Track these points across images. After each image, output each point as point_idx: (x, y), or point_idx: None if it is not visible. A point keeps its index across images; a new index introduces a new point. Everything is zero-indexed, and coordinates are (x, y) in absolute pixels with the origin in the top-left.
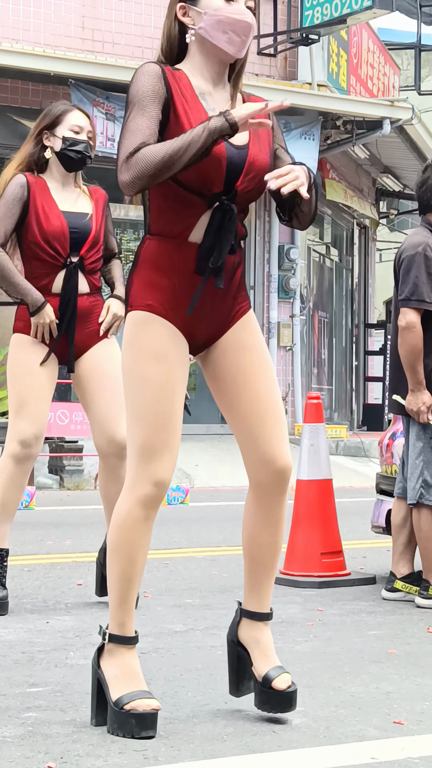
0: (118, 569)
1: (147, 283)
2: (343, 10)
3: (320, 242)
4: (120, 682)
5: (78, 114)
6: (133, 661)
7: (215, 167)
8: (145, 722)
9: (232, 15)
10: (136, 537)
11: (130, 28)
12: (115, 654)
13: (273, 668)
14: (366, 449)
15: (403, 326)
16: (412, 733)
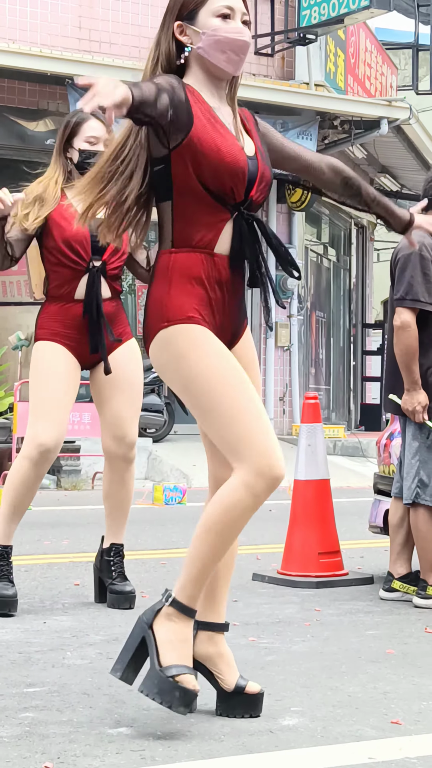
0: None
1: (183, 297)
2: (341, 10)
3: (318, 242)
4: (173, 649)
5: (94, 123)
6: (189, 632)
7: (240, 176)
8: (188, 699)
9: (230, 35)
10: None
11: (127, 28)
12: (173, 620)
13: (240, 677)
14: (364, 449)
15: (398, 326)
16: (409, 733)
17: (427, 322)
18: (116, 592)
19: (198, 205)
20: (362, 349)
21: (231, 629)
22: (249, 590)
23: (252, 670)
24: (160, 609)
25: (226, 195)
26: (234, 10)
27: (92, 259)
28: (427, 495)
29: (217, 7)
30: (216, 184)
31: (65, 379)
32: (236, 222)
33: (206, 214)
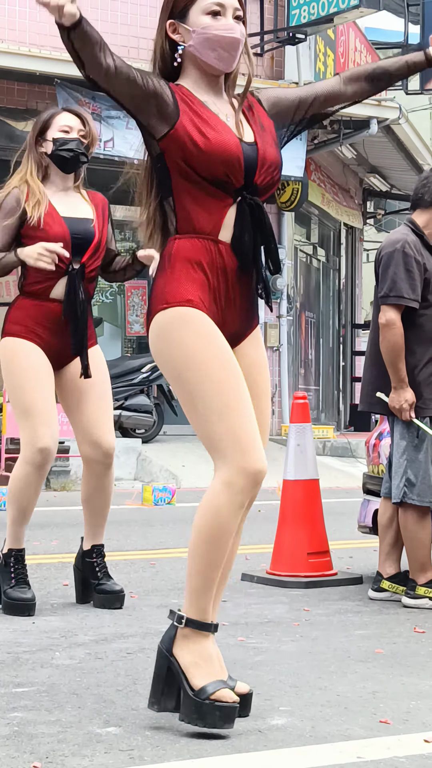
0: (208, 556)
1: (184, 280)
2: (330, 9)
3: (307, 242)
4: (200, 670)
5: (66, 115)
6: (213, 648)
7: (235, 163)
8: (229, 715)
9: (220, 32)
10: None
11: (117, 28)
12: (192, 639)
13: (229, 677)
14: (353, 450)
15: (383, 324)
16: (398, 733)
17: (412, 320)
18: (106, 592)
19: (198, 193)
20: (351, 349)
21: (220, 629)
22: (238, 590)
23: (241, 670)
24: (176, 633)
25: (223, 182)
26: (224, 6)
27: (72, 260)
28: (414, 494)
29: (207, 5)
30: (208, 172)
31: (49, 378)
32: (239, 207)
33: (207, 201)
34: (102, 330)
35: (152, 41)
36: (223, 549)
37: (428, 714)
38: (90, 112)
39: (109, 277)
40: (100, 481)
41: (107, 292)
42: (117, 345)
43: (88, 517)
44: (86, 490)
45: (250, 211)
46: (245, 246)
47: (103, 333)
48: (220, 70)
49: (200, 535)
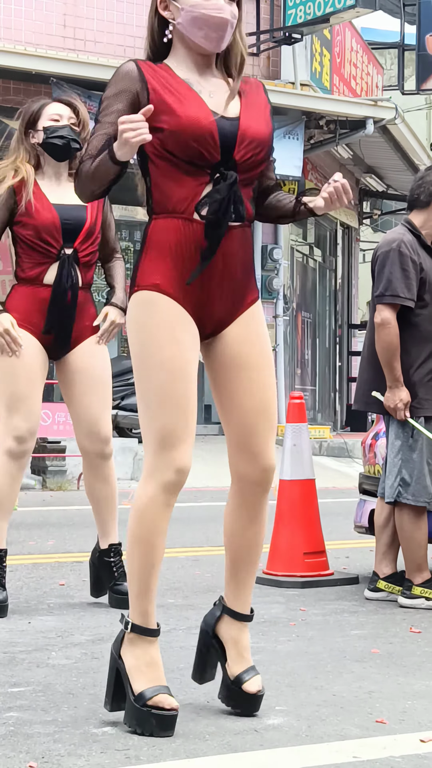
0: (141, 557)
1: (155, 263)
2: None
3: (303, 242)
4: (141, 674)
5: (55, 104)
6: (154, 653)
7: (208, 138)
8: (165, 723)
9: (208, 12)
10: (158, 523)
11: (112, 27)
12: (136, 644)
13: (246, 670)
14: (349, 450)
15: (378, 323)
16: (394, 732)
17: (408, 320)
18: (122, 593)
19: (173, 172)
20: (348, 349)
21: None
22: None
23: None
24: (123, 636)
25: (197, 158)
26: None
27: (64, 246)
28: (409, 494)
29: None
30: (180, 149)
31: (34, 367)
32: (215, 183)
33: (182, 179)
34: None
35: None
36: (152, 550)
37: (424, 714)
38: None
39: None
40: (100, 472)
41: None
42: (113, 344)
43: (97, 512)
44: (90, 485)
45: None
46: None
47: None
48: (207, 50)
49: (133, 536)
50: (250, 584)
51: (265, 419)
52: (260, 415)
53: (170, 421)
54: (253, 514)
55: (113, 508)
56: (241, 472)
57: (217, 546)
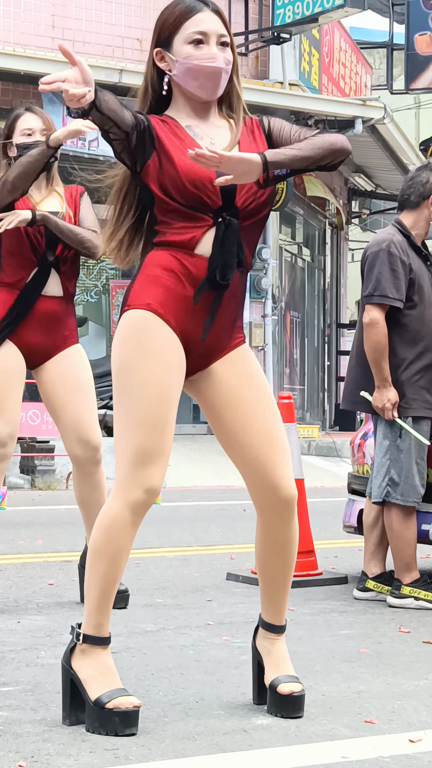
0: (101, 571)
1: (149, 283)
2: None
3: (292, 242)
4: (97, 682)
5: (26, 116)
6: (108, 660)
7: (207, 183)
8: (128, 720)
9: (201, 63)
10: (121, 541)
11: (100, 27)
12: (89, 654)
13: (282, 676)
14: (338, 449)
15: (367, 323)
16: (383, 732)
17: (396, 320)
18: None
19: (175, 215)
20: (337, 349)
21: (205, 628)
22: (223, 590)
23: (226, 669)
24: (74, 647)
25: (198, 203)
26: (207, 34)
27: (46, 252)
28: (398, 494)
29: (189, 34)
30: (181, 195)
31: (13, 371)
32: (218, 228)
33: (184, 221)
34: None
35: (136, 41)
36: (115, 565)
37: (413, 714)
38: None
39: None
40: (92, 479)
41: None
42: (102, 344)
43: (86, 517)
44: (80, 491)
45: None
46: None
47: (88, 332)
48: (203, 99)
49: (96, 550)
50: (282, 601)
51: (274, 450)
52: (269, 447)
53: (146, 441)
54: (280, 542)
55: None
56: (262, 504)
57: (206, 546)
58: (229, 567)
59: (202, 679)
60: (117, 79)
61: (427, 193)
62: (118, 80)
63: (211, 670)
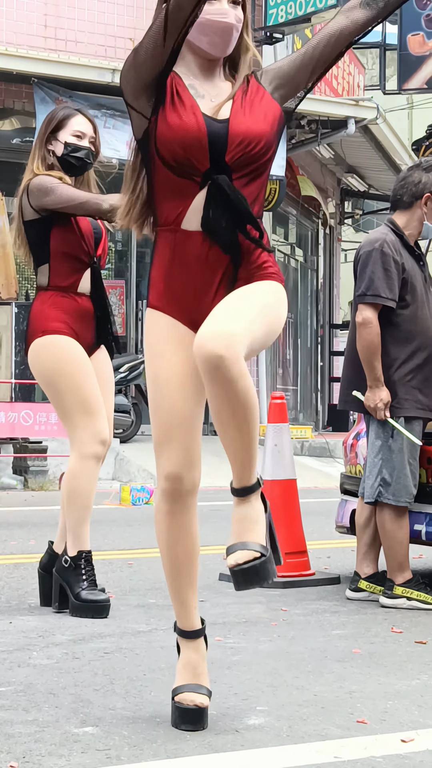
0: (164, 563)
1: (153, 280)
2: (308, 9)
3: (285, 242)
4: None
5: (81, 119)
6: (190, 655)
7: (196, 144)
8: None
9: (212, 17)
10: (166, 531)
11: (93, 27)
12: (180, 644)
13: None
14: (331, 449)
15: (359, 322)
16: (375, 732)
17: (389, 320)
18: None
19: (167, 183)
20: (330, 349)
21: None
22: (216, 590)
23: (218, 670)
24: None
25: (185, 165)
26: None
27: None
28: (390, 494)
29: None
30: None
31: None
32: (209, 190)
33: (174, 190)
34: None
35: (129, 40)
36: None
37: (405, 714)
38: None
39: None
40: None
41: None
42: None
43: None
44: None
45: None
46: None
47: None
48: (213, 56)
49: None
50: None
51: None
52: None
53: (158, 431)
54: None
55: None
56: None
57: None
58: (222, 567)
59: None
60: (110, 79)
61: (420, 193)
62: (111, 80)
63: None
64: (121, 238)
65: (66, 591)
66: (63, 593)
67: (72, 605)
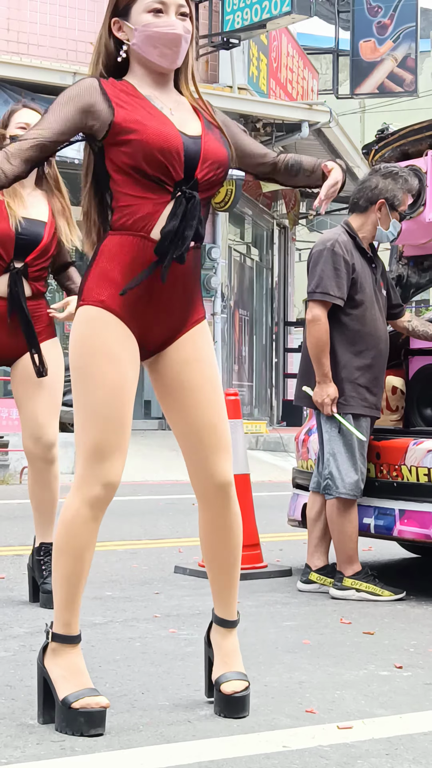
0: (65, 569)
1: (102, 279)
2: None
3: (241, 242)
4: (66, 682)
5: (25, 112)
6: (78, 660)
7: (174, 154)
8: (93, 720)
9: (161, 29)
10: (84, 537)
11: (55, 31)
12: (59, 653)
13: (228, 672)
14: (285, 444)
15: (309, 319)
16: (323, 722)
17: (338, 319)
18: (49, 592)
19: (134, 190)
20: (284, 346)
21: (152, 621)
22: (171, 582)
23: (171, 661)
24: (46, 646)
25: (162, 173)
26: (166, 4)
27: (14, 260)
28: (338, 488)
29: (148, 3)
30: (147, 162)
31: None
32: (176, 202)
33: (145, 197)
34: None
35: (90, 44)
36: (79, 561)
37: (352, 703)
38: None
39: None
40: (42, 476)
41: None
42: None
43: (36, 514)
44: (31, 486)
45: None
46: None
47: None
48: (164, 67)
49: (59, 547)
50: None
51: (212, 437)
52: (208, 433)
53: (102, 436)
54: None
55: (53, 510)
56: (200, 491)
57: (155, 539)
58: (177, 560)
59: (148, 671)
60: (71, 82)
61: (375, 198)
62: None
63: (157, 661)
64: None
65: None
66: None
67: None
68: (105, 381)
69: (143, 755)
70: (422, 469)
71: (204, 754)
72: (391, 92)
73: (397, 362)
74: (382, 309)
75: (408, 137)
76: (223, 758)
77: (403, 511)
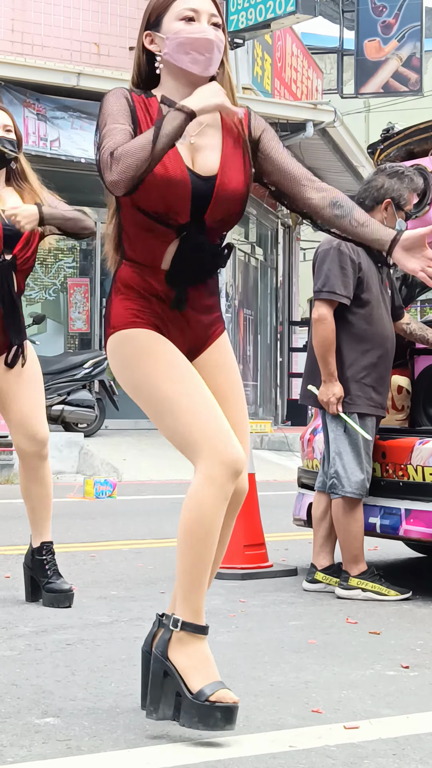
0: (196, 553)
1: (126, 303)
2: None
3: (245, 241)
4: (197, 673)
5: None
6: (206, 650)
7: (181, 198)
8: (230, 715)
9: (192, 35)
10: (216, 519)
11: (59, 31)
12: (187, 643)
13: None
14: (290, 444)
15: (315, 318)
16: (329, 722)
17: (344, 317)
18: (55, 591)
19: (142, 225)
20: (289, 345)
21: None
22: None
23: None
24: (171, 636)
25: (163, 216)
26: (198, 12)
27: (3, 252)
28: (344, 487)
29: (180, 11)
30: (147, 204)
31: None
32: (182, 242)
33: (150, 234)
34: (45, 326)
35: (94, 45)
36: (210, 545)
37: (358, 703)
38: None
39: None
40: (36, 473)
41: (50, 289)
42: (60, 341)
43: (31, 512)
44: (25, 484)
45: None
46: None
47: (47, 329)
48: (198, 75)
49: (186, 531)
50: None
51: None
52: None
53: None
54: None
55: (48, 508)
56: None
57: (160, 539)
58: None
59: None
60: (75, 82)
61: (381, 197)
62: (76, 83)
63: None
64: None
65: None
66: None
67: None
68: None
69: (149, 754)
70: (428, 468)
71: (210, 754)
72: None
73: (403, 362)
74: (388, 308)
75: (413, 136)
76: (230, 758)
77: (409, 511)
